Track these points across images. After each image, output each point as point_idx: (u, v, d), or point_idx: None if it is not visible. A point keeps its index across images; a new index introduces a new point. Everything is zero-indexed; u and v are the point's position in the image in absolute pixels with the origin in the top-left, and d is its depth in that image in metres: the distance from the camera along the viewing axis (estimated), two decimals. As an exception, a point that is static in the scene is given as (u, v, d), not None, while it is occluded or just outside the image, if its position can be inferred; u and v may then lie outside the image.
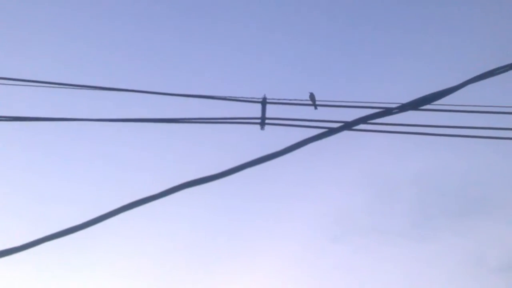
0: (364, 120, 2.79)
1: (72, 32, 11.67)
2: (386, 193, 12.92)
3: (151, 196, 2.84)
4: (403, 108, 2.88)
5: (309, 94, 4.42)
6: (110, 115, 3.92)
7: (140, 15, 12.12)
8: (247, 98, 4.20)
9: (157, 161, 12.11)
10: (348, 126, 2.86)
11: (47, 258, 10.13)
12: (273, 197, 12.38)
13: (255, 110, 4.11)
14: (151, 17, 12.23)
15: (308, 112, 4.28)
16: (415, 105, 2.99)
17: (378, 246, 12.47)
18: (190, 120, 3.99)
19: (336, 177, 12.69)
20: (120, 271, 11.66)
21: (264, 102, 4.16)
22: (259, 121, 4.06)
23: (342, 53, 12.76)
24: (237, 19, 12.42)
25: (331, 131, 2.78)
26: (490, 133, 4.02)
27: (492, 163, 11.78)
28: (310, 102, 4.40)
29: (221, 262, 12.01)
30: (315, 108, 4.38)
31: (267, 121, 4.07)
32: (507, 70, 2.96)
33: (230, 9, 12.43)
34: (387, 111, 2.87)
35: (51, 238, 2.82)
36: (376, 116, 2.79)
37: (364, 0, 12.49)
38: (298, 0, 12.48)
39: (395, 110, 2.87)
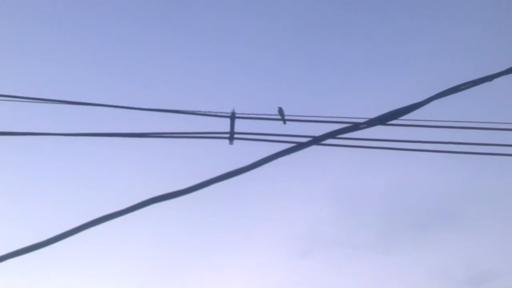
0: (332, 135, 2.81)
1: (33, 45, 11.52)
2: (353, 207, 13.05)
3: (117, 212, 2.78)
4: (371, 123, 2.91)
5: (277, 108, 4.44)
6: (76, 129, 3.86)
7: (108, 29, 12.05)
8: (215, 112, 4.19)
9: (124, 176, 11.97)
10: (316, 141, 2.87)
11: (8, 277, 9.84)
12: (240, 212, 12.35)
13: (223, 125, 4.10)
14: (119, 30, 12.16)
15: (277, 127, 4.29)
16: (383, 120, 3.02)
17: (345, 259, 12.57)
18: (158, 135, 3.94)
19: (304, 192, 12.75)
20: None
21: (233, 117, 4.15)
22: (227, 135, 4.05)
23: (311, 68, 12.90)
24: (207, 34, 12.45)
25: (299, 146, 2.77)
26: (454, 148, 4.10)
27: (456, 177, 12.03)
28: (279, 117, 4.41)
29: (186, 279, 11.87)
30: (284, 123, 4.39)
31: (235, 135, 4.06)
32: (470, 87, 3.01)
33: (200, 24, 12.46)
34: (355, 126, 2.89)
35: (12, 255, 2.73)
36: (344, 131, 2.81)
37: (332, 15, 12.70)
38: (267, 15, 12.60)
39: (363, 125, 2.89)
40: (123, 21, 12.08)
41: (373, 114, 3.16)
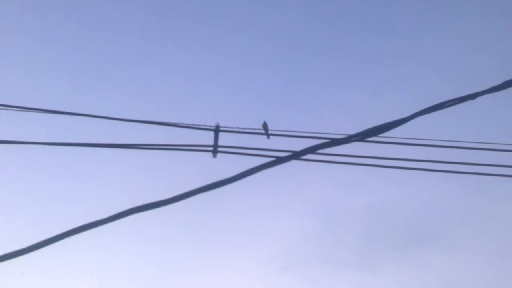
0: (312, 150, 2.85)
1: (17, 53, 11.48)
2: (335, 224, 13.04)
3: (99, 220, 2.81)
4: (350, 139, 2.95)
5: (262, 123, 4.47)
6: (58, 139, 3.87)
7: (92, 37, 12.04)
8: (200, 125, 4.22)
9: (107, 186, 11.88)
10: (296, 155, 2.91)
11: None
12: (221, 228, 12.24)
13: (207, 138, 4.14)
14: (103, 39, 12.16)
15: (261, 141, 4.32)
16: (362, 136, 3.05)
17: (326, 277, 12.52)
18: (142, 146, 3.96)
19: (285, 208, 12.73)
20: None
21: (217, 130, 4.18)
22: (211, 148, 4.08)
23: (296, 83, 13.00)
24: (191, 47, 12.51)
25: (279, 160, 2.81)
26: (436, 166, 4.15)
27: (438, 196, 12.12)
28: (263, 131, 4.43)
29: None
30: (268, 137, 4.41)
31: (219, 149, 4.09)
32: (454, 104, 3.01)
33: (185, 36, 12.52)
34: (335, 142, 2.94)
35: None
36: (324, 146, 2.85)
37: (313, 31, 12.82)
38: (252, 30, 12.71)
39: (342, 141, 2.93)
40: (107, 31, 12.10)
41: (354, 131, 3.22)
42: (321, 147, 2.83)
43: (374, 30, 12.76)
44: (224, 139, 4.16)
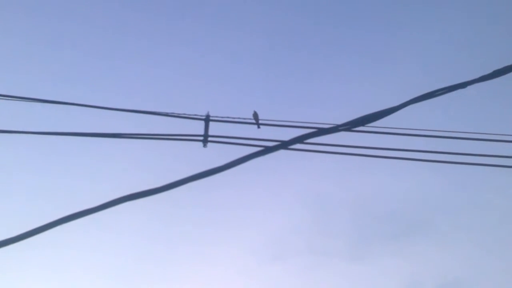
0: (300, 139, 2.86)
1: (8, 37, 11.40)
2: (325, 214, 13.08)
3: (91, 208, 2.82)
4: (338, 128, 2.96)
5: (252, 112, 4.48)
6: (49, 128, 3.87)
7: (85, 26, 11.98)
8: (190, 115, 4.23)
9: (97, 175, 11.86)
10: (284, 145, 2.92)
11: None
12: (209, 219, 12.21)
13: (198, 127, 4.15)
14: (92, 29, 12.10)
15: (251, 131, 4.34)
16: (351, 125, 3.04)
17: (315, 267, 12.57)
18: (132, 136, 3.97)
19: (274, 198, 12.74)
20: (57, 285, 11.31)
21: (207, 120, 4.19)
22: (202, 138, 4.09)
23: (286, 75, 12.99)
24: (182, 37, 12.48)
25: (268, 150, 2.82)
26: (425, 156, 4.16)
27: (427, 185, 12.17)
28: (253, 121, 4.45)
29: (154, 284, 11.69)
30: (258, 127, 4.43)
31: (210, 138, 4.10)
32: (445, 93, 2.96)
33: (174, 26, 12.47)
34: (322, 131, 2.95)
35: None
36: (312, 135, 2.86)
37: (304, 22, 12.81)
38: (240, 20, 12.69)
39: (330, 130, 2.94)
40: (98, 21, 12.03)
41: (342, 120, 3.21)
42: (309, 136, 2.84)
43: (364, 20, 12.76)
44: (215, 128, 4.18)
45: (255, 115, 4.47)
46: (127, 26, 12.18)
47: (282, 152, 2.97)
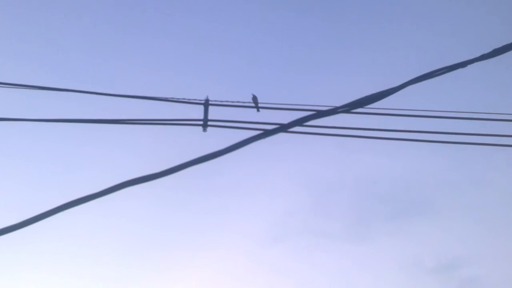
0: (299, 122, 2.86)
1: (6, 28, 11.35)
2: (323, 196, 13.14)
3: (92, 194, 2.83)
4: (336, 110, 2.96)
5: (252, 96, 4.48)
6: (50, 115, 3.87)
7: (84, 12, 11.92)
8: (189, 99, 4.22)
9: (97, 161, 11.89)
10: (283, 128, 2.92)
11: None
12: (210, 203, 12.27)
13: (197, 112, 4.15)
14: (96, 13, 12.05)
15: (251, 115, 4.33)
16: (350, 107, 3.04)
17: (316, 247, 12.66)
18: (132, 121, 3.97)
19: (274, 181, 12.78)
20: (59, 270, 11.39)
21: (206, 104, 4.19)
22: (201, 122, 4.10)
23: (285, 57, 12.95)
24: (180, 20, 12.41)
25: (267, 133, 2.83)
26: (424, 137, 4.17)
27: (427, 165, 12.20)
28: (253, 104, 4.45)
29: (149, 275, 11.75)
30: (258, 110, 4.43)
31: (209, 123, 4.10)
32: (445, 72, 2.95)
33: (174, 8, 12.41)
34: (320, 113, 2.95)
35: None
36: (310, 118, 2.85)
37: (302, 5, 12.75)
38: (240, 2, 12.61)
39: (329, 112, 2.94)
40: (97, 6, 11.97)
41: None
42: (308, 119, 2.84)
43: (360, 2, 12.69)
44: (214, 113, 4.18)
45: (255, 99, 4.47)
46: (127, 11, 12.13)
47: (281, 135, 2.98)
